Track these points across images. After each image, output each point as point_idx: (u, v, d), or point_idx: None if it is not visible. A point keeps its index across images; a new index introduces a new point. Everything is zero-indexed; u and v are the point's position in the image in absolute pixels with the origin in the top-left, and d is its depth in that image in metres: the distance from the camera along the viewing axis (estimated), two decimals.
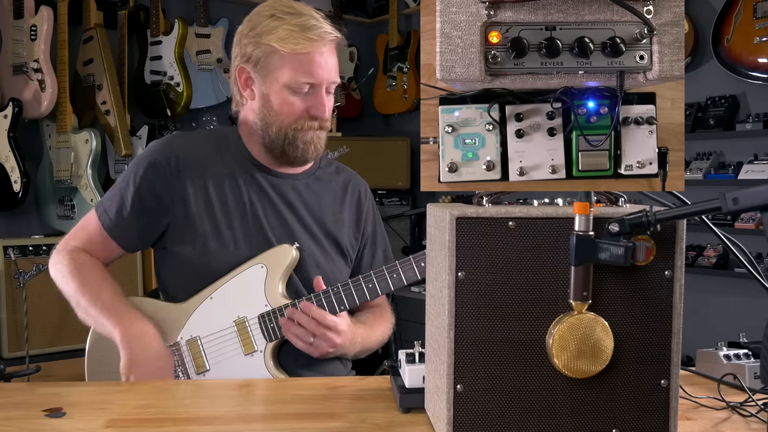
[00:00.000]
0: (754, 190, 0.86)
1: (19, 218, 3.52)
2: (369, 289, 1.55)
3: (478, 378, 0.96)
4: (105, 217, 1.63)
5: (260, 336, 1.55)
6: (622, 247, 0.91)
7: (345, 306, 1.55)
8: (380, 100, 4.73)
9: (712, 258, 3.16)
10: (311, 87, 1.56)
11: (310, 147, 1.61)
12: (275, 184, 1.65)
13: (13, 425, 1.12)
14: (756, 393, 1.22)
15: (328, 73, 1.57)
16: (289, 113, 1.58)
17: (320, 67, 1.55)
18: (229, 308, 1.56)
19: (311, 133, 1.60)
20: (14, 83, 3.38)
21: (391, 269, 1.56)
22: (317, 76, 1.55)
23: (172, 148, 1.63)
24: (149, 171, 1.60)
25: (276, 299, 1.56)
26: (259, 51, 1.56)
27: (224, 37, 4.04)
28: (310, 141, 1.60)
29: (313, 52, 1.54)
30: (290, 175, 1.68)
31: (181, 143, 1.65)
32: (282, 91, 1.57)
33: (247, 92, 1.63)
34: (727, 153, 3.24)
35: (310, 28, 1.55)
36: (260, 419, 1.19)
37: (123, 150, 3.54)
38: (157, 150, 1.63)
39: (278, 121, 1.59)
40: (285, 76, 1.55)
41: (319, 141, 1.62)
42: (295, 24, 1.54)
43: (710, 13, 3.22)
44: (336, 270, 1.67)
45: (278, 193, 1.64)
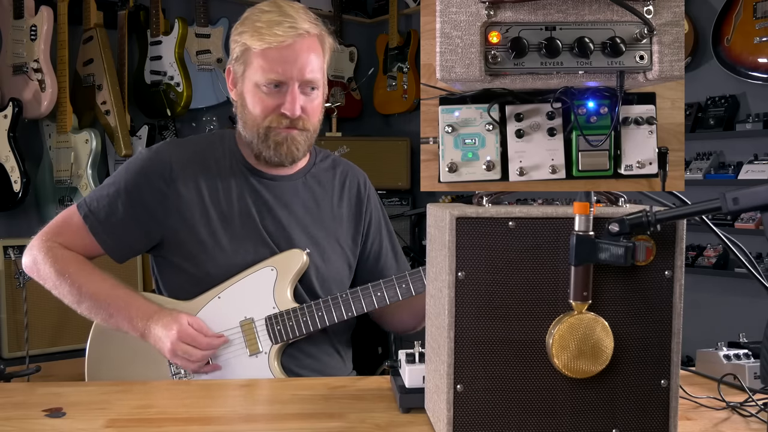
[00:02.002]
0: (754, 190, 0.86)
1: (19, 218, 3.52)
2: (377, 297, 1.54)
3: (478, 378, 0.96)
4: (92, 219, 1.59)
5: (266, 338, 1.55)
6: (622, 247, 0.91)
7: (352, 312, 1.55)
8: (380, 100, 4.73)
9: (712, 258, 3.16)
10: (281, 84, 1.52)
11: (282, 147, 1.55)
12: (270, 186, 1.63)
13: (13, 425, 1.12)
14: (756, 393, 1.22)
15: (298, 70, 1.51)
16: (261, 111, 1.54)
17: (288, 63, 1.50)
18: (237, 308, 1.56)
19: (284, 132, 1.55)
20: (14, 83, 3.38)
21: (400, 279, 1.53)
22: (284, 73, 1.50)
23: (164, 158, 1.60)
24: (142, 181, 1.58)
25: (284, 302, 1.56)
26: (238, 49, 1.56)
27: (224, 37, 4.04)
28: (282, 141, 1.55)
29: (281, 48, 1.50)
30: (284, 177, 1.65)
31: (173, 151, 1.62)
32: (253, 89, 1.54)
33: (233, 92, 1.62)
34: (727, 153, 3.24)
35: (279, 23, 1.50)
36: (260, 419, 1.19)
37: (123, 150, 3.54)
38: (149, 159, 1.61)
39: (251, 120, 1.56)
40: (255, 74, 1.53)
41: (293, 142, 1.56)
42: (266, 20, 1.51)
43: (710, 13, 3.23)
44: (334, 270, 1.66)
45: (274, 195, 1.63)
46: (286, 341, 1.55)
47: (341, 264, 1.68)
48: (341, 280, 1.68)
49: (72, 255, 1.60)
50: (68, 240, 1.61)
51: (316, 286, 1.62)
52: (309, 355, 1.60)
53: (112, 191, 1.59)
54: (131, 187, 1.58)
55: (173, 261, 1.60)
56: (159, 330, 1.50)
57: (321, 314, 1.54)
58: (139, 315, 1.53)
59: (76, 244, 1.61)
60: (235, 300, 1.56)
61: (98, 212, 1.59)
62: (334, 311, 1.54)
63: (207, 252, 1.57)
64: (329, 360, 1.64)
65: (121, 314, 1.54)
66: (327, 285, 1.64)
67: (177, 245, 1.58)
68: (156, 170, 1.58)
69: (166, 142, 1.73)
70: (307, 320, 1.54)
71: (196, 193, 1.58)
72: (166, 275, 1.64)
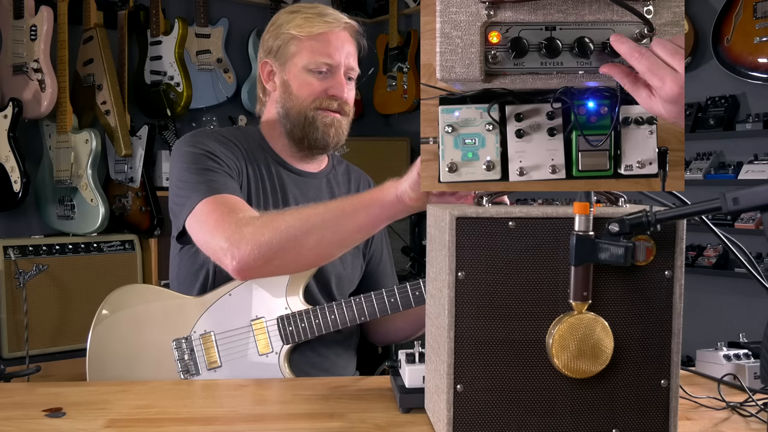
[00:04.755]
0: (754, 190, 0.86)
1: (19, 218, 3.52)
2: (391, 303, 1.52)
3: (478, 378, 0.96)
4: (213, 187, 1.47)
5: (277, 338, 1.54)
6: (622, 247, 0.91)
7: (365, 316, 1.53)
8: (380, 100, 4.73)
9: (712, 258, 3.16)
10: (329, 68, 1.60)
11: (330, 129, 1.62)
12: (298, 182, 1.67)
13: (12, 425, 1.12)
14: (756, 393, 1.22)
15: (345, 57, 1.61)
16: (309, 94, 1.60)
17: (337, 48, 1.60)
18: (248, 307, 1.56)
19: (331, 115, 1.61)
20: (14, 83, 3.38)
21: (414, 286, 1.52)
22: (334, 57, 1.60)
23: (221, 133, 1.63)
24: (213, 141, 1.57)
25: (296, 303, 1.55)
26: (279, 41, 1.63)
27: (224, 37, 4.04)
28: (330, 123, 1.61)
29: (329, 34, 1.60)
30: (311, 174, 1.70)
31: (220, 133, 1.63)
32: (301, 73, 1.61)
33: (269, 84, 1.67)
34: (727, 153, 3.24)
35: (325, 14, 1.62)
36: (260, 419, 1.19)
37: (123, 150, 3.54)
38: (206, 134, 1.61)
39: (298, 104, 1.61)
40: (303, 58, 1.60)
41: (339, 126, 1.63)
42: (312, 12, 1.62)
43: (710, 13, 3.23)
44: (349, 271, 1.68)
45: (301, 191, 1.66)
46: (297, 342, 1.55)
47: (356, 265, 1.71)
48: (354, 281, 1.70)
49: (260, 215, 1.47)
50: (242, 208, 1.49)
51: (332, 286, 1.63)
52: (319, 354, 1.60)
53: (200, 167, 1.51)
54: (215, 151, 1.55)
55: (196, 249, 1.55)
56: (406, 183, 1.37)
57: (334, 317, 1.53)
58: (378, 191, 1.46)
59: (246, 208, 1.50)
60: (246, 298, 1.56)
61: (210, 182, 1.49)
62: (347, 314, 1.53)
63: None
64: (337, 359, 1.65)
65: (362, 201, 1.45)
66: (342, 285, 1.65)
67: None
68: (223, 137, 1.60)
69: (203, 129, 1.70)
70: (319, 322, 1.54)
71: (243, 174, 1.60)
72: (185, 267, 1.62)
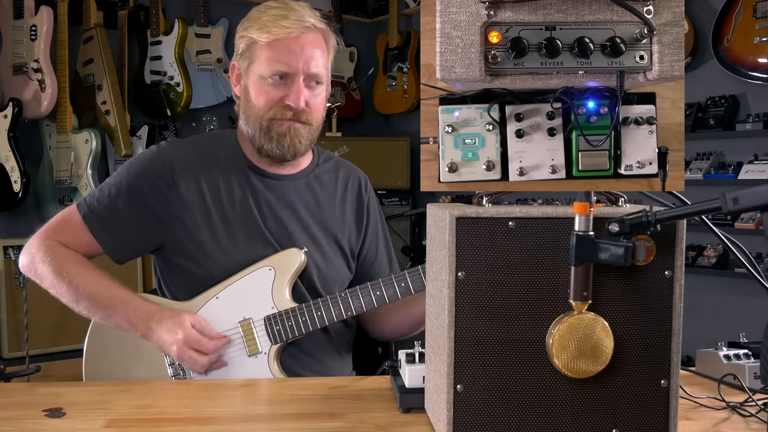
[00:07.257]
0: (754, 190, 0.86)
1: (19, 218, 3.52)
2: (377, 296, 1.53)
3: (478, 378, 0.96)
4: (92, 219, 1.58)
5: (265, 338, 1.55)
6: (622, 247, 0.91)
7: (352, 311, 1.54)
8: (380, 100, 4.73)
9: (712, 258, 3.16)
10: (287, 76, 1.53)
11: (285, 139, 1.55)
12: (272, 186, 1.63)
13: (12, 425, 1.12)
14: (756, 393, 1.22)
15: (304, 62, 1.52)
16: (265, 102, 1.54)
17: (294, 54, 1.51)
18: (235, 309, 1.56)
19: (286, 124, 1.54)
20: (14, 83, 3.38)
21: (399, 278, 1.53)
22: (291, 64, 1.52)
23: (166, 158, 1.59)
24: (143, 182, 1.57)
25: (283, 302, 1.56)
26: (243, 44, 1.58)
27: (224, 37, 4.04)
28: (284, 133, 1.55)
29: (287, 40, 1.51)
30: (287, 176, 1.65)
31: (174, 152, 1.61)
32: (258, 81, 1.55)
33: (237, 88, 1.62)
34: (727, 153, 3.24)
35: (285, 17, 1.52)
36: (260, 419, 1.19)
37: (123, 150, 3.54)
38: (151, 160, 1.60)
39: (254, 112, 1.56)
40: (261, 66, 1.54)
41: (296, 135, 1.55)
42: (273, 15, 1.53)
43: (710, 13, 3.22)
44: (335, 271, 1.66)
45: (276, 195, 1.62)
46: (285, 341, 1.55)
47: (342, 265, 1.68)
48: (342, 281, 1.68)
49: (70, 254, 1.59)
50: (67, 239, 1.60)
51: (318, 286, 1.62)
52: (310, 355, 1.60)
53: (113, 191, 1.59)
54: (132, 188, 1.57)
55: (176, 262, 1.60)
56: (164, 334, 1.50)
57: (320, 314, 1.54)
58: (138, 315, 1.52)
59: (76, 243, 1.60)
60: (233, 300, 1.56)
61: (99, 212, 1.58)
62: (333, 310, 1.54)
63: (209, 253, 1.56)
64: (330, 361, 1.64)
65: (119, 314, 1.54)
66: (329, 285, 1.64)
67: (179, 247, 1.58)
68: (157, 171, 1.58)
69: (168, 142, 1.72)
70: (306, 320, 1.54)
71: (197, 194, 1.58)
72: (169, 276, 1.64)
